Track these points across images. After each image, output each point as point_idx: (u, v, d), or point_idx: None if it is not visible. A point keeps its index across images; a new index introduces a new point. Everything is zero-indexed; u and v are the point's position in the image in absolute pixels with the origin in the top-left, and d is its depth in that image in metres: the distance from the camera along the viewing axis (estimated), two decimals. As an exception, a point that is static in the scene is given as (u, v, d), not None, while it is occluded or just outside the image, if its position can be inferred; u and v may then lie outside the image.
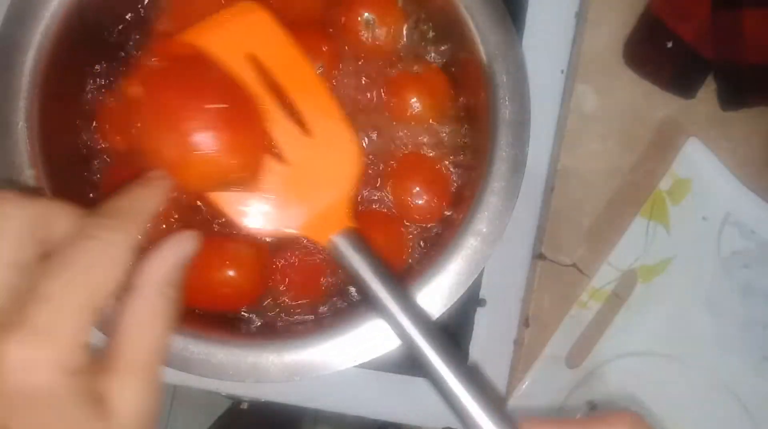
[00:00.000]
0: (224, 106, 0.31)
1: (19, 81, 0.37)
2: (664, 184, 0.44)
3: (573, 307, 0.45)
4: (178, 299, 0.26)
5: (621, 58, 0.46)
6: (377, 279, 0.32)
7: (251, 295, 0.41)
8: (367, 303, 0.34)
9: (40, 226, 0.24)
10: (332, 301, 0.42)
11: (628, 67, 0.46)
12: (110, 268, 0.23)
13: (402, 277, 0.36)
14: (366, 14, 0.41)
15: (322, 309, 0.42)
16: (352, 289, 0.43)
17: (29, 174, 0.37)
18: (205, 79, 0.32)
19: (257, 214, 0.34)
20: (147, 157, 0.32)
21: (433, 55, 0.44)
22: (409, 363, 0.46)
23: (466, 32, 0.39)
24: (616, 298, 0.45)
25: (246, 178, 0.33)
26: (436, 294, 0.36)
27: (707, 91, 0.45)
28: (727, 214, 0.45)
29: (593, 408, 0.45)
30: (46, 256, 0.23)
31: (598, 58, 0.46)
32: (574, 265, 0.46)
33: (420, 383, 0.47)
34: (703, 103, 0.46)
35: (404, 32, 0.44)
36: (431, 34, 0.44)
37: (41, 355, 0.21)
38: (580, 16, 0.47)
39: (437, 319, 0.36)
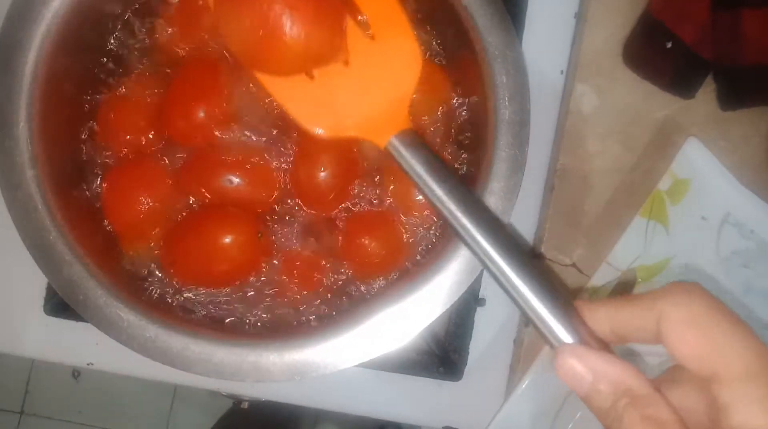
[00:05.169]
0: None
1: (20, 81, 0.37)
2: (664, 184, 0.44)
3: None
4: None
5: (620, 58, 0.46)
6: (435, 178, 0.32)
7: (248, 265, 0.41)
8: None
9: None
10: (333, 300, 0.43)
11: (628, 68, 0.46)
12: None
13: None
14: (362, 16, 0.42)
15: (324, 308, 0.42)
16: (353, 288, 0.43)
17: (30, 174, 0.37)
18: None
19: (319, 115, 0.34)
20: (230, 45, 0.33)
21: (432, 54, 0.44)
22: (410, 363, 0.47)
23: (466, 32, 0.39)
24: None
25: (327, 55, 0.33)
26: (436, 294, 0.36)
27: (706, 92, 0.45)
28: (727, 214, 0.45)
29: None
30: None
31: (597, 59, 0.46)
32: (573, 264, 0.46)
33: (420, 383, 0.47)
34: (703, 104, 0.46)
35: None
36: (431, 34, 0.44)
37: None
38: (580, 17, 0.47)
39: (440, 314, 0.36)
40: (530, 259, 0.29)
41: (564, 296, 0.29)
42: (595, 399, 0.25)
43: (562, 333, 0.27)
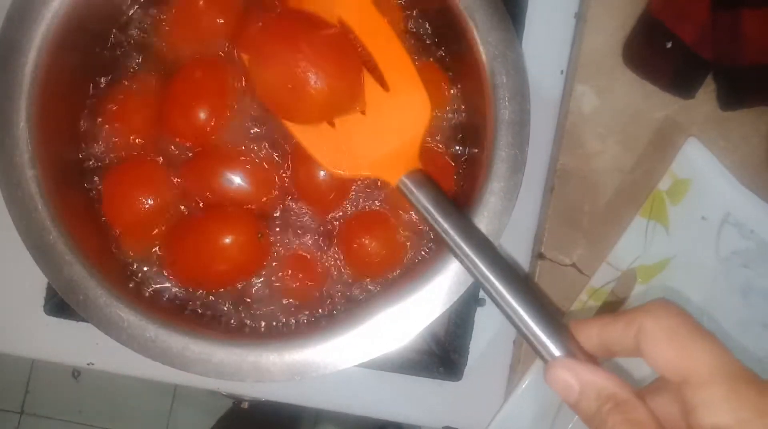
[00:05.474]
0: (325, 44, 0.37)
1: (20, 81, 0.37)
2: (664, 184, 0.44)
3: (572, 306, 0.45)
4: None
5: (620, 58, 0.46)
6: (441, 213, 0.35)
7: (248, 265, 0.42)
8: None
9: None
10: (333, 300, 0.43)
11: (628, 68, 0.46)
12: None
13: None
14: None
15: (324, 308, 0.42)
16: (353, 288, 0.43)
17: (30, 174, 0.37)
18: (307, 28, 0.37)
19: (340, 158, 0.38)
20: (263, 98, 0.39)
21: (432, 55, 0.44)
22: (410, 363, 0.47)
23: (465, 32, 0.39)
24: (616, 298, 0.45)
25: (347, 105, 0.38)
26: (436, 294, 0.36)
27: (706, 92, 0.45)
28: (727, 214, 0.45)
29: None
30: None
31: (597, 59, 0.46)
32: (573, 264, 0.46)
33: (420, 383, 0.47)
34: (702, 104, 0.46)
35: (403, 32, 0.44)
36: (430, 34, 0.44)
37: None
38: (580, 17, 0.47)
39: (439, 315, 0.37)
40: (526, 283, 0.32)
41: (555, 316, 0.32)
42: (582, 405, 0.28)
43: (553, 348, 0.30)
